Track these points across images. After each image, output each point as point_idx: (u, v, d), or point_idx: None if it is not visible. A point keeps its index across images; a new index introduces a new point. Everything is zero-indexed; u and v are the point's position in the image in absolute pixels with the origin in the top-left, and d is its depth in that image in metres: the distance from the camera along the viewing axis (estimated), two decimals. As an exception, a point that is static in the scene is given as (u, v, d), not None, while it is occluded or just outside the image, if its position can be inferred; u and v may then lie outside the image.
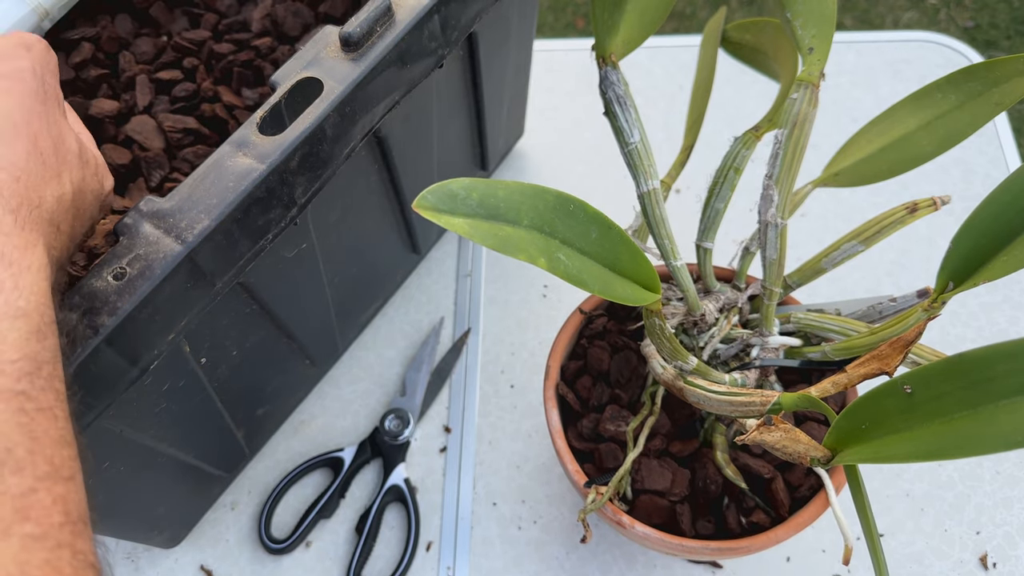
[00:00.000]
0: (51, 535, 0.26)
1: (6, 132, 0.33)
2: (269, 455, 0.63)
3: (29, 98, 0.35)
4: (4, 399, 0.27)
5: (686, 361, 0.43)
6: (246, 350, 0.51)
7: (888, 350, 0.35)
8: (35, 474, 0.26)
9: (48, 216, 0.34)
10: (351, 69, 0.43)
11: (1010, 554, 0.56)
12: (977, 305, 0.66)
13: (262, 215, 0.41)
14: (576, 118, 0.79)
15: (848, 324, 0.43)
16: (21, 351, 0.28)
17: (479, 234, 0.32)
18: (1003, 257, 0.33)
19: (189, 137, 0.53)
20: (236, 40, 0.57)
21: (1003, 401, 0.28)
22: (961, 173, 0.72)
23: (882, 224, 0.44)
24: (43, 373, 0.29)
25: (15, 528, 0.25)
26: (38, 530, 0.25)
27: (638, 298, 0.37)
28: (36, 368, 0.29)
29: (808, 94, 0.39)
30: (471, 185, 0.32)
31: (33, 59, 0.37)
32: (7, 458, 0.26)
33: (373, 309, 0.67)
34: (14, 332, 0.29)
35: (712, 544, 0.45)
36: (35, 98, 0.36)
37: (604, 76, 0.41)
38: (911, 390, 0.31)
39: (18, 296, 0.29)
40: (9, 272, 0.30)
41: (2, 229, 0.30)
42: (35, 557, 0.25)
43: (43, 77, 0.37)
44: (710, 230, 0.46)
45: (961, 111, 0.42)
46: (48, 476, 0.27)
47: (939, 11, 1.68)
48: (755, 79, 0.56)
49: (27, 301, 0.30)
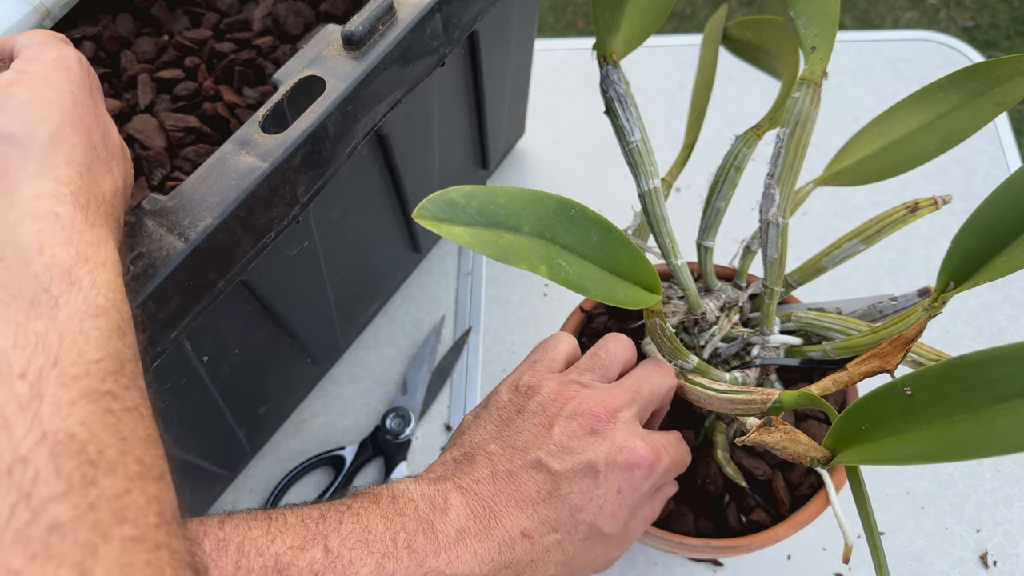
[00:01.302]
0: (149, 536, 0.25)
1: (63, 126, 0.32)
2: (270, 453, 0.63)
3: (78, 88, 0.34)
4: (91, 400, 0.26)
5: (687, 360, 0.43)
6: (248, 348, 0.51)
7: (889, 348, 0.36)
8: (127, 475, 0.26)
9: (110, 210, 0.33)
10: (353, 68, 0.43)
11: (1010, 552, 0.56)
12: (977, 304, 0.66)
13: (264, 213, 0.41)
14: (576, 117, 0.79)
15: (849, 323, 0.43)
16: (104, 350, 0.28)
17: (480, 243, 0.32)
18: (1004, 257, 0.34)
19: (191, 136, 0.53)
20: (237, 39, 0.57)
21: (1003, 404, 0.28)
22: (961, 172, 0.72)
23: (883, 223, 0.44)
24: (126, 371, 0.28)
25: (114, 531, 0.24)
26: (136, 532, 0.25)
27: (639, 301, 0.38)
28: (119, 366, 0.28)
29: (811, 93, 0.39)
30: (471, 193, 0.32)
31: (74, 49, 0.36)
32: (99, 460, 0.25)
33: (374, 308, 0.68)
34: (96, 331, 0.28)
35: (712, 542, 0.45)
36: (83, 88, 0.34)
37: (605, 75, 0.41)
38: (911, 392, 0.31)
39: (96, 293, 0.29)
40: (86, 269, 0.29)
41: (75, 227, 0.30)
42: (137, 559, 0.24)
43: (87, 67, 0.35)
44: (711, 229, 0.46)
45: (963, 110, 0.42)
46: (140, 476, 0.26)
47: (939, 11, 1.68)
48: (756, 77, 0.56)
49: (105, 298, 0.29)
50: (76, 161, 0.31)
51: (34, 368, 0.25)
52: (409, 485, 0.35)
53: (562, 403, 0.37)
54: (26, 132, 0.31)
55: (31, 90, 0.32)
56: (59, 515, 0.23)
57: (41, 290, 0.27)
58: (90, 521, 0.24)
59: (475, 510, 0.34)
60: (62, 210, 0.30)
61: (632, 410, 0.38)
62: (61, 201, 0.30)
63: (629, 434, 0.36)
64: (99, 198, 0.32)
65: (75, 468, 0.24)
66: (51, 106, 0.32)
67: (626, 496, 0.36)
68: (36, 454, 0.24)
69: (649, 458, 0.36)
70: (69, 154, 0.31)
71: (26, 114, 0.31)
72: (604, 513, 0.35)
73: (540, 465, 0.35)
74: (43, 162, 0.30)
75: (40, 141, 0.31)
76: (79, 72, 0.34)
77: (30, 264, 0.28)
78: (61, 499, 0.23)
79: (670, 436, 0.40)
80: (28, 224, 0.29)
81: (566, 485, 0.35)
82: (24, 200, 0.29)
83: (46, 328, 0.27)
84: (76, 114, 0.33)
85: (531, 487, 0.35)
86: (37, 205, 0.29)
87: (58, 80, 0.33)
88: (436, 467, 0.37)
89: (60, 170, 0.31)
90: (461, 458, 0.37)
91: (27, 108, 0.31)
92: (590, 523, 0.35)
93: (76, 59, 0.35)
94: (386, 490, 0.34)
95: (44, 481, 0.23)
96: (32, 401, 0.25)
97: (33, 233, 0.28)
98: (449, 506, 0.34)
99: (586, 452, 0.35)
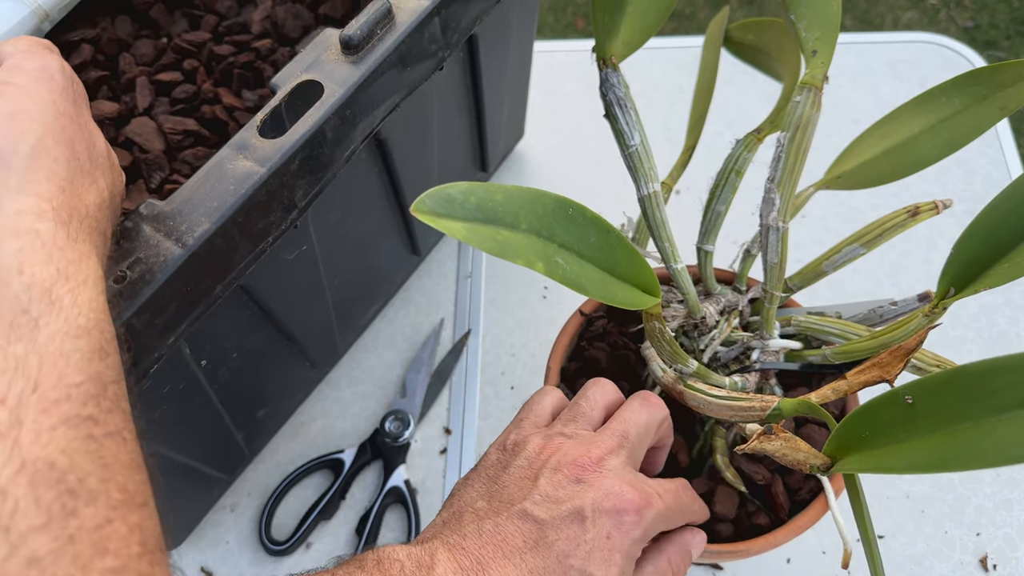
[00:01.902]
0: (131, 567, 0.24)
1: (44, 139, 0.31)
2: (269, 457, 0.63)
3: (60, 98, 0.33)
4: (72, 426, 0.25)
5: (686, 364, 0.43)
6: (246, 352, 0.51)
7: (889, 358, 0.35)
8: (109, 503, 0.25)
9: (94, 224, 0.32)
10: (351, 72, 0.43)
11: (1010, 556, 0.56)
12: (978, 307, 0.66)
13: (262, 218, 0.41)
14: (576, 120, 0.79)
15: (849, 328, 0.43)
16: (85, 372, 0.27)
17: (477, 238, 0.32)
18: (1005, 264, 0.33)
19: (189, 139, 0.53)
20: (236, 42, 0.57)
21: (1004, 415, 0.28)
22: (961, 174, 0.72)
23: (884, 227, 0.44)
24: (108, 394, 0.27)
25: (95, 563, 0.24)
26: (118, 563, 0.24)
27: (637, 302, 0.37)
28: (102, 389, 0.27)
29: (811, 97, 0.38)
30: (469, 189, 0.32)
31: (58, 57, 0.35)
32: (80, 489, 0.24)
33: (373, 311, 0.67)
34: (77, 352, 0.27)
35: (712, 547, 0.45)
36: (66, 98, 0.33)
37: (605, 78, 0.41)
38: (912, 401, 0.31)
39: (78, 313, 0.28)
40: (67, 288, 0.28)
41: (56, 244, 0.29)
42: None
43: (71, 75, 0.34)
44: (711, 232, 0.46)
45: (966, 115, 0.41)
46: (122, 504, 0.25)
47: (939, 11, 1.68)
48: (754, 80, 0.56)
49: (87, 318, 0.28)
50: (58, 175, 0.31)
51: (13, 393, 0.25)
52: (396, 548, 0.34)
53: (547, 456, 0.37)
54: (6, 147, 0.30)
55: (12, 102, 0.31)
56: (38, 548, 0.23)
57: (21, 311, 0.27)
58: (70, 554, 0.23)
59: (462, 564, 0.33)
60: (43, 227, 0.29)
61: (620, 456, 0.37)
62: (42, 218, 0.29)
63: (616, 480, 0.36)
64: (82, 212, 0.31)
65: (55, 498, 0.24)
66: (32, 119, 0.31)
67: (617, 542, 0.35)
68: (15, 484, 0.23)
69: (637, 502, 0.35)
70: (51, 168, 0.31)
71: (6, 128, 0.31)
72: (594, 559, 0.34)
73: (526, 515, 0.35)
74: (24, 177, 0.30)
75: (21, 156, 0.30)
76: (62, 81, 0.34)
77: (10, 284, 0.27)
78: (40, 531, 0.23)
79: (667, 483, 0.39)
80: (8, 243, 0.28)
81: (552, 532, 0.34)
82: (5, 217, 0.29)
83: (26, 351, 0.26)
84: (58, 126, 0.32)
85: (517, 537, 0.34)
86: (18, 222, 0.29)
87: (40, 91, 0.32)
88: (425, 531, 0.37)
89: (41, 185, 0.30)
90: (449, 518, 0.36)
91: (7, 122, 0.31)
92: (580, 568, 0.34)
93: (59, 67, 0.34)
94: (372, 554, 0.34)
95: (23, 513, 0.23)
96: (11, 428, 0.24)
97: (13, 252, 0.28)
98: (436, 562, 0.33)
99: (572, 500, 0.35)
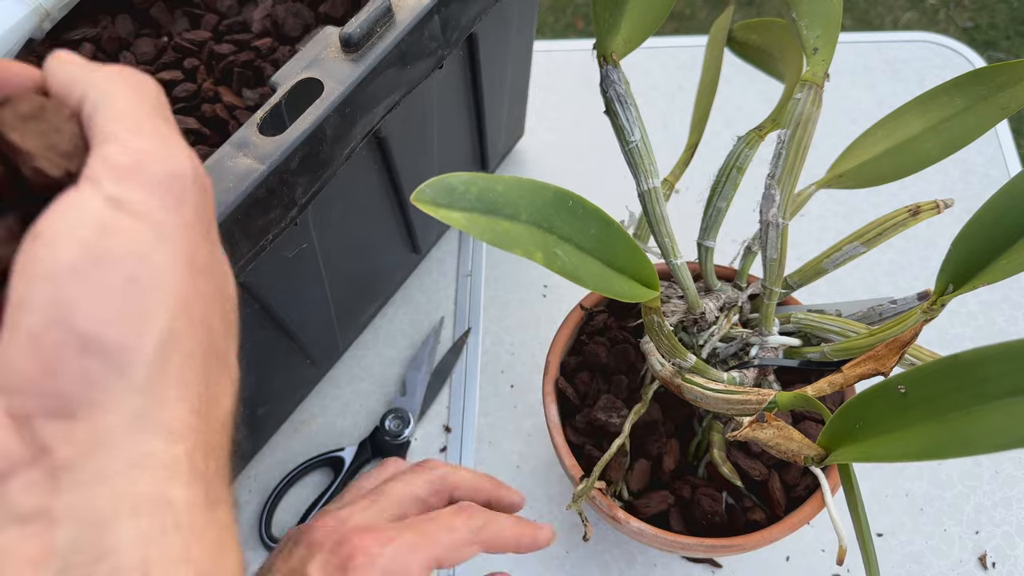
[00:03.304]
0: None
1: (177, 321, 0.20)
2: (269, 455, 0.63)
3: (196, 234, 0.22)
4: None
5: (685, 359, 0.43)
6: (246, 350, 0.50)
7: (884, 351, 0.36)
8: None
9: (226, 441, 0.24)
10: (351, 70, 0.43)
11: (1009, 554, 0.56)
12: (976, 304, 0.66)
13: (262, 216, 0.41)
14: (576, 118, 0.79)
15: (848, 325, 0.43)
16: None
17: (476, 228, 0.32)
18: (1003, 260, 0.34)
19: (190, 137, 0.53)
20: (236, 41, 0.57)
21: (996, 402, 0.28)
22: (960, 173, 0.72)
23: (884, 226, 0.44)
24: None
25: None
26: None
27: (636, 295, 0.37)
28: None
29: (812, 94, 0.39)
30: (470, 179, 0.32)
31: (185, 145, 0.22)
32: None
33: (373, 309, 0.68)
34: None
35: (707, 541, 0.45)
36: (200, 229, 0.22)
37: (605, 75, 0.41)
38: (905, 390, 0.31)
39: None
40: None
41: (194, 524, 0.21)
42: None
43: (203, 178, 0.23)
44: (712, 229, 0.46)
45: (967, 115, 0.42)
46: None
47: (938, 11, 1.68)
48: (756, 79, 0.56)
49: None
50: (192, 384, 0.21)
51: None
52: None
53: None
54: (124, 340, 0.20)
55: (136, 254, 0.20)
56: None
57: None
58: None
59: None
60: (177, 493, 0.20)
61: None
62: (175, 474, 0.20)
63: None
64: (218, 442, 0.22)
65: None
66: (159, 285, 0.20)
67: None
68: None
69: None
70: (183, 375, 0.21)
71: (122, 303, 0.20)
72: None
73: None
74: (149, 396, 0.20)
75: (145, 355, 0.20)
76: (195, 198, 0.21)
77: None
78: None
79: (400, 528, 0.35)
80: (125, 523, 0.19)
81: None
82: (117, 473, 0.19)
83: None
84: (195, 290, 0.21)
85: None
86: (138, 485, 0.20)
87: (170, 226, 0.21)
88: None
89: (171, 410, 0.21)
90: None
91: (128, 292, 0.20)
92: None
93: (191, 171, 0.22)
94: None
95: None
96: None
97: (132, 541, 0.19)
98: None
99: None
